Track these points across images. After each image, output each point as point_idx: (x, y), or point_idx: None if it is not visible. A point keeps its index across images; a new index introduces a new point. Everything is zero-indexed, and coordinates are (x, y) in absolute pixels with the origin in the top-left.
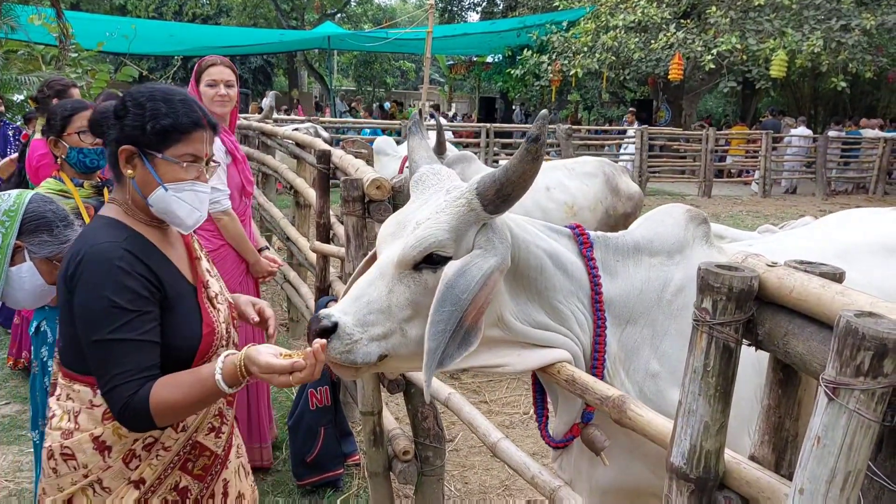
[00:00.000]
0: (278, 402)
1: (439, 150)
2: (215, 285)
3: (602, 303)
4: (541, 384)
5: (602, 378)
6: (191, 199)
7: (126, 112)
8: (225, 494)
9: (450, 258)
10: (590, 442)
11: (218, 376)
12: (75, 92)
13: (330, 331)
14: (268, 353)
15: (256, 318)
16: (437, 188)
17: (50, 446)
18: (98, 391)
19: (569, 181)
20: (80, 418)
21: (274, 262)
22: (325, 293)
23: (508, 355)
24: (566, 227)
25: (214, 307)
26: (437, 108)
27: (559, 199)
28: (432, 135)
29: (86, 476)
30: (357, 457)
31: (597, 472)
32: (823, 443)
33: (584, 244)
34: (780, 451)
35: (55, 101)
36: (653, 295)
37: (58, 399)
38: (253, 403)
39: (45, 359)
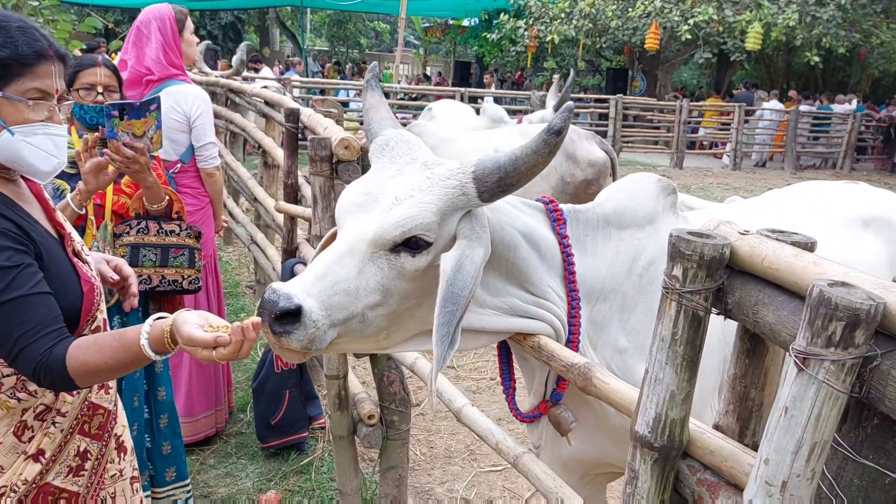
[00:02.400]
0: (243, 365)
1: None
2: (77, 237)
3: (576, 282)
4: (506, 354)
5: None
6: (44, 143)
7: None
8: (121, 450)
9: (431, 244)
10: (556, 422)
11: (143, 341)
12: None
13: (292, 314)
14: (193, 324)
15: (115, 277)
16: (408, 158)
17: None
18: None
19: (519, 144)
20: None
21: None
22: (292, 255)
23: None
24: (538, 199)
25: (83, 261)
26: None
27: None
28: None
29: None
30: (322, 420)
31: (560, 442)
32: (791, 413)
33: (557, 221)
34: (745, 420)
35: None
36: (622, 269)
37: None
38: (210, 368)
39: None
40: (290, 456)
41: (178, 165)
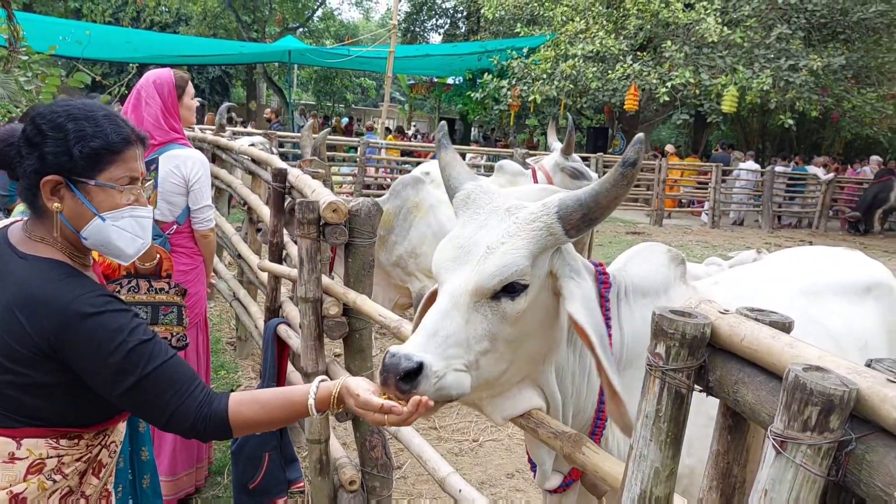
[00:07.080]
0: None
1: (567, 150)
2: None
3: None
4: None
5: (599, 441)
6: (131, 226)
7: (43, 137)
8: None
9: (527, 286)
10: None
11: (311, 401)
12: None
13: (415, 372)
14: (366, 389)
15: None
16: (490, 207)
17: None
18: (22, 442)
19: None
20: None
21: None
22: (275, 314)
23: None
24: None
25: None
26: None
27: None
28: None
29: None
30: (302, 483)
31: None
32: (770, 496)
33: (604, 284)
34: (728, 497)
35: None
36: (645, 338)
37: None
38: None
39: None
40: None
41: (174, 227)
